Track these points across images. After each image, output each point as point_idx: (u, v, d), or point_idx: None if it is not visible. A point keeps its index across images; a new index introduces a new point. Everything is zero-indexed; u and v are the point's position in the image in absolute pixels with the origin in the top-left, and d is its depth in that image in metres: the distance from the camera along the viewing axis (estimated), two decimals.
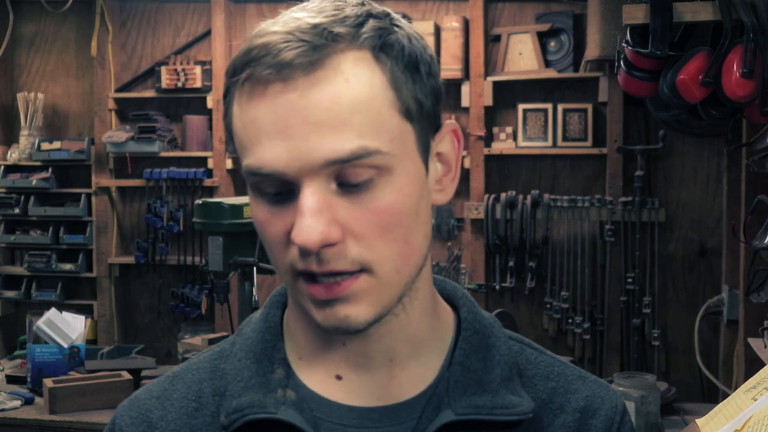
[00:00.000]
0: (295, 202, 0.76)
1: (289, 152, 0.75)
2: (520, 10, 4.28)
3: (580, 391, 0.90)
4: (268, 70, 0.76)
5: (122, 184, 4.69)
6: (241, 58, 0.79)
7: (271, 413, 0.82)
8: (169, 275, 4.71)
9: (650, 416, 3.16)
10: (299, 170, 0.75)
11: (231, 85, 0.81)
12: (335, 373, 0.86)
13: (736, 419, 1.30)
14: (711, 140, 3.92)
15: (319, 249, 0.75)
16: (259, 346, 0.88)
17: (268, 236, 0.80)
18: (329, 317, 0.78)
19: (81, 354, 3.73)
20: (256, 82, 0.77)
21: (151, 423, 0.88)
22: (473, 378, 0.85)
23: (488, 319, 0.92)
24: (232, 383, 0.86)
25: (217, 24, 4.52)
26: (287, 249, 0.78)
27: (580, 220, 4.10)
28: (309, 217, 0.74)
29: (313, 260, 0.76)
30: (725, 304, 3.45)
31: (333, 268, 0.76)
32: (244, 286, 3.27)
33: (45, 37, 4.85)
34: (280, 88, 0.75)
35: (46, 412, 3.37)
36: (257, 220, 0.80)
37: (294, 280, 0.80)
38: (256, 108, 0.77)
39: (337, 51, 0.76)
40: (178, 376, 0.91)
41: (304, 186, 0.75)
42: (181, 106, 4.67)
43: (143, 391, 0.91)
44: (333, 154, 0.74)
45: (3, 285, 4.82)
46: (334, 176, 0.76)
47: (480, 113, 4.21)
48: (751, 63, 2.15)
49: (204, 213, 3.30)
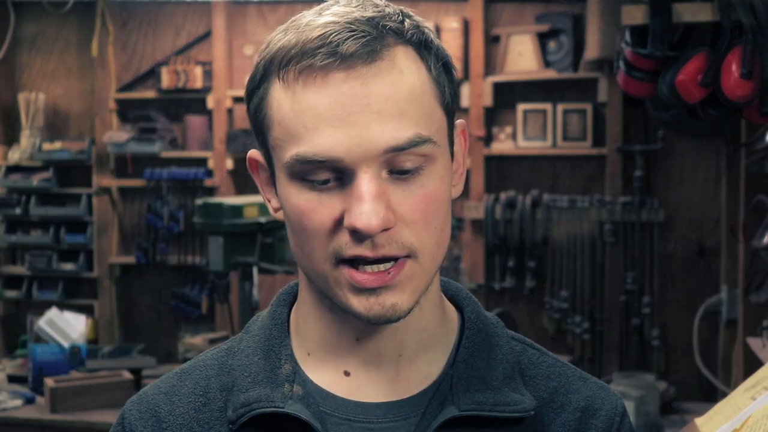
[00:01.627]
0: (343, 189, 0.79)
1: (350, 139, 0.77)
2: (520, 10, 4.28)
3: (581, 391, 0.91)
4: (330, 59, 0.77)
5: (123, 184, 4.70)
6: (294, 48, 0.79)
7: (279, 407, 0.84)
8: (170, 275, 4.72)
9: (649, 416, 3.17)
10: (359, 157, 0.78)
11: (275, 72, 0.81)
12: (344, 369, 0.88)
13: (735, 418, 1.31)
14: (710, 140, 3.92)
15: (377, 234, 0.78)
16: (266, 342, 0.90)
17: (310, 225, 0.80)
18: (374, 306, 0.80)
19: (82, 353, 3.74)
20: (315, 71, 0.78)
21: (160, 417, 0.89)
22: (476, 375, 0.87)
23: (491, 319, 0.94)
24: (240, 378, 0.88)
25: (218, 25, 4.52)
26: (332, 236, 0.80)
27: (579, 220, 4.10)
28: (370, 202, 0.77)
29: (367, 245, 0.78)
30: (724, 303, 3.46)
31: (386, 253, 0.79)
32: (244, 286, 3.28)
33: (46, 37, 4.86)
34: (343, 76, 0.78)
35: (47, 411, 3.38)
36: (298, 210, 0.81)
37: (334, 269, 0.81)
38: (315, 96, 0.78)
39: (390, 44, 0.80)
40: (186, 372, 0.93)
41: (360, 173, 0.78)
42: (182, 107, 4.68)
43: (151, 387, 0.92)
44: (394, 142, 0.77)
45: (4, 285, 4.82)
46: (386, 164, 0.79)
47: (480, 113, 4.21)
48: (750, 63, 2.16)
49: (204, 213, 3.31)
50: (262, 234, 3.29)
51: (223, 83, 4.51)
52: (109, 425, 3.49)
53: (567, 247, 4.15)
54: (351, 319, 0.85)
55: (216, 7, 4.52)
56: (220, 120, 4.53)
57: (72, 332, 3.81)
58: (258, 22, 4.60)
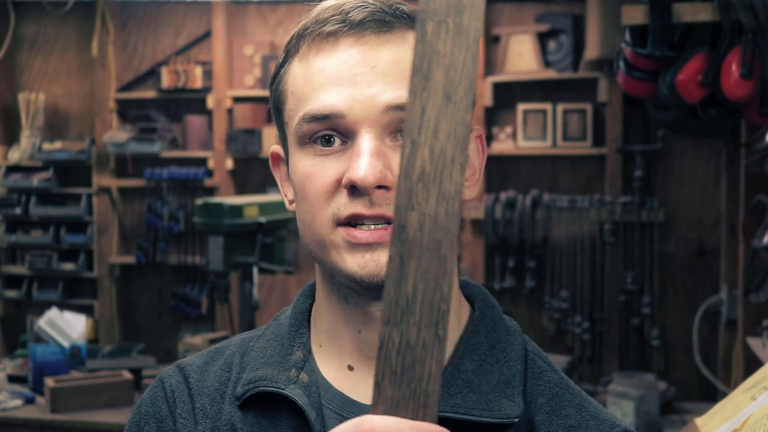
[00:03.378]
0: (346, 152, 0.81)
1: (353, 96, 0.80)
2: (520, 10, 4.29)
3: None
4: (340, 24, 0.82)
5: (123, 184, 4.70)
6: (311, 21, 0.85)
7: (280, 388, 0.86)
8: (170, 275, 4.72)
9: (649, 416, 3.17)
10: (360, 113, 0.80)
11: (293, 49, 0.86)
12: (348, 363, 0.89)
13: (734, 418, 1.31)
14: (710, 141, 3.92)
15: (373, 189, 0.79)
16: (286, 330, 0.92)
17: (311, 188, 0.83)
18: (368, 263, 0.81)
19: (82, 353, 3.74)
20: (325, 37, 0.83)
21: (189, 384, 0.93)
22: (462, 378, 0.85)
23: (506, 325, 0.92)
24: (254, 360, 0.91)
25: (218, 25, 4.53)
26: (332, 198, 0.82)
27: (579, 221, 4.10)
28: (368, 156, 0.79)
29: (364, 203, 0.80)
30: (724, 303, 3.46)
31: (383, 212, 0.80)
32: (244, 286, 3.28)
33: (46, 37, 4.87)
34: (352, 41, 0.82)
35: (48, 411, 3.38)
36: (302, 175, 0.84)
37: (331, 231, 0.82)
38: (325, 59, 0.83)
39: (401, 24, 0.83)
40: (219, 351, 0.97)
41: (362, 132, 0.80)
42: (182, 107, 4.68)
43: (188, 359, 0.97)
44: (396, 100, 0.80)
45: (4, 285, 4.83)
46: (389, 127, 0.81)
47: (480, 113, 4.22)
48: (750, 63, 2.16)
49: (205, 213, 3.31)
50: (262, 234, 3.29)
51: (223, 83, 4.51)
52: (110, 425, 3.48)
53: (567, 247, 4.15)
54: (355, 309, 0.86)
55: (216, 7, 4.52)
56: (220, 120, 4.54)
57: (72, 332, 3.81)
58: (258, 22, 4.60)
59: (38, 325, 3.79)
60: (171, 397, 0.92)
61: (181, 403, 0.91)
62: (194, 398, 0.91)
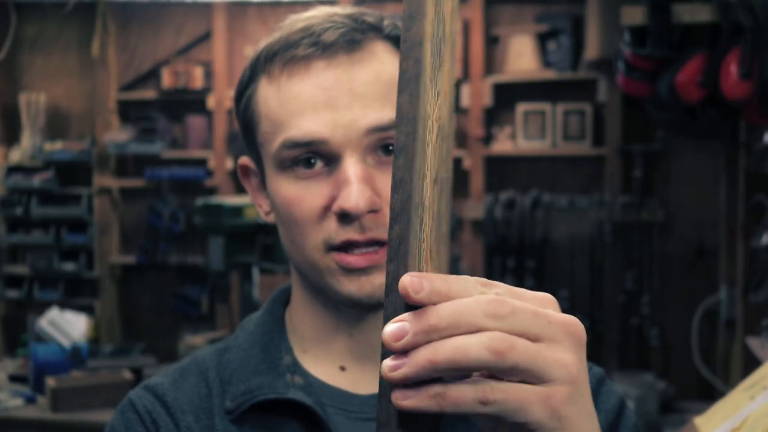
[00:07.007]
0: (331, 176, 0.81)
1: (333, 121, 0.80)
2: (520, 11, 4.29)
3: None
4: (312, 48, 0.81)
5: (124, 184, 4.70)
6: (278, 42, 0.84)
7: (282, 393, 0.85)
8: (171, 275, 4.73)
9: (649, 415, 3.18)
10: (342, 138, 0.80)
11: (261, 70, 0.85)
12: (339, 365, 0.89)
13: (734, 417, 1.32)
14: (709, 141, 3.93)
15: (364, 215, 0.79)
16: (264, 337, 0.91)
17: (299, 213, 0.82)
18: (365, 285, 0.81)
19: (83, 353, 3.74)
20: (298, 61, 0.82)
21: (166, 404, 0.89)
22: None
23: None
24: (239, 371, 0.88)
25: (218, 25, 4.53)
26: (321, 223, 0.82)
27: (579, 221, 4.11)
28: (356, 183, 0.79)
29: (356, 228, 0.80)
30: (723, 303, 3.47)
31: (374, 236, 0.80)
32: (245, 286, 3.29)
33: (47, 38, 4.87)
34: (324, 65, 0.81)
35: (48, 410, 3.38)
36: (286, 199, 0.83)
37: (324, 255, 0.82)
38: (299, 84, 0.82)
39: (370, 38, 0.83)
40: (185, 368, 0.93)
41: (346, 156, 0.80)
42: (182, 107, 4.69)
43: (153, 379, 0.93)
44: (377, 122, 0.80)
45: (5, 285, 4.83)
46: (371, 148, 0.81)
47: (479, 114, 4.22)
48: (749, 64, 2.17)
49: (205, 213, 3.32)
50: (262, 234, 3.30)
51: (224, 83, 4.52)
52: None
53: (567, 247, 4.15)
54: (344, 314, 0.86)
55: (216, 7, 4.53)
56: (221, 120, 4.54)
57: (73, 332, 3.82)
58: (258, 22, 4.61)
59: (39, 325, 3.79)
60: (148, 419, 0.87)
61: (163, 423, 0.87)
62: (176, 417, 0.87)
